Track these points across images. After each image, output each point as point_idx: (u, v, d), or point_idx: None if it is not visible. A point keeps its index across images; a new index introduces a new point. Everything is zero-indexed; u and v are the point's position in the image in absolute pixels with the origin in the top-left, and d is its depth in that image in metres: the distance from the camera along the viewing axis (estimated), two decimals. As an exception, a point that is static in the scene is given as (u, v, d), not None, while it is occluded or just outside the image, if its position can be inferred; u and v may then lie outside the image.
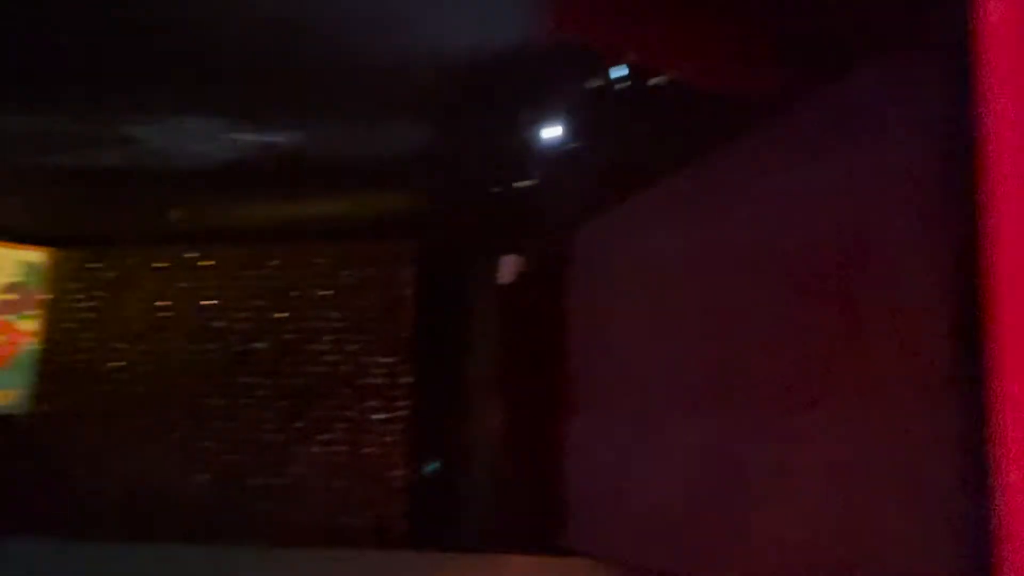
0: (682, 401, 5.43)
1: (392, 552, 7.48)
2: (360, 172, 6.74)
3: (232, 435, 7.96)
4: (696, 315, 5.38)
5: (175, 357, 8.21)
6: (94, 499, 8.08)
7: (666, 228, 5.86)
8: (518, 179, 5.75)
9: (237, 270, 8.29)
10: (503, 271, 6.97)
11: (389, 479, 7.77)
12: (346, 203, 7.42)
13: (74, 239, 8.53)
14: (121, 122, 5.99)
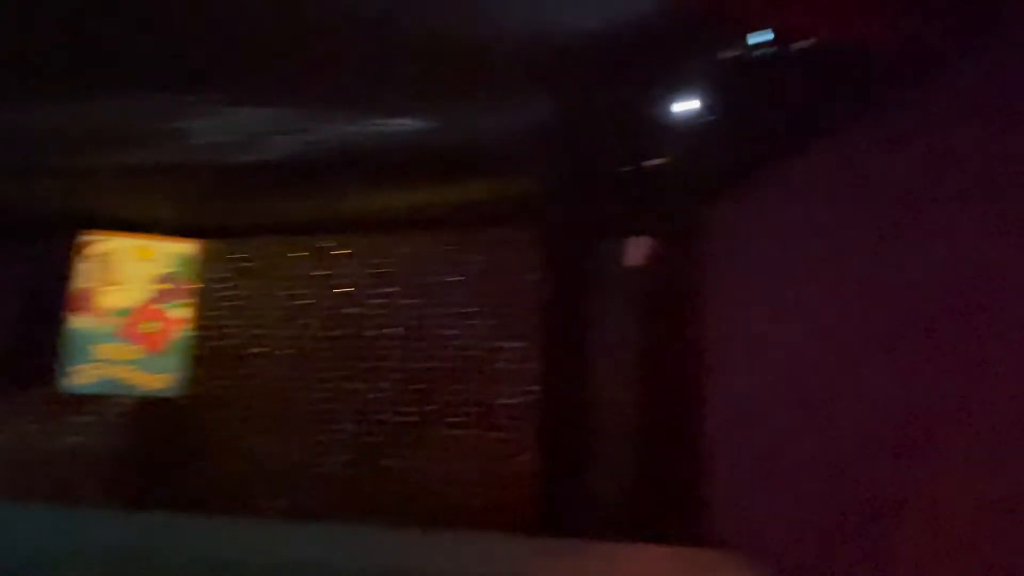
0: (833, 385, 5.13)
1: (519, 537, 7.47)
2: (487, 156, 6.77)
3: (367, 418, 8.19)
4: (841, 295, 5.06)
5: (313, 342, 8.53)
6: (240, 477, 8.52)
7: (804, 202, 5.55)
8: (649, 157, 5.59)
9: (369, 257, 8.51)
10: (632, 253, 6.82)
11: (517, 464, 7.78)
12: (473, 188, 7.46)
13: (219, 231, 8.99)
14: (258, 116, 6.27)
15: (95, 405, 8.95)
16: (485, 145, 6.54)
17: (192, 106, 6.07)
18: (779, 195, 5.90)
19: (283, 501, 8.29)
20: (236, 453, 8.60)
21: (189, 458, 8.71)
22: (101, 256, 8.88)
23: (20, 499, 8.94)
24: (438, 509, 7.86)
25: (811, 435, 5.30)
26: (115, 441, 8.85)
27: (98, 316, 8.79)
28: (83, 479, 8.85)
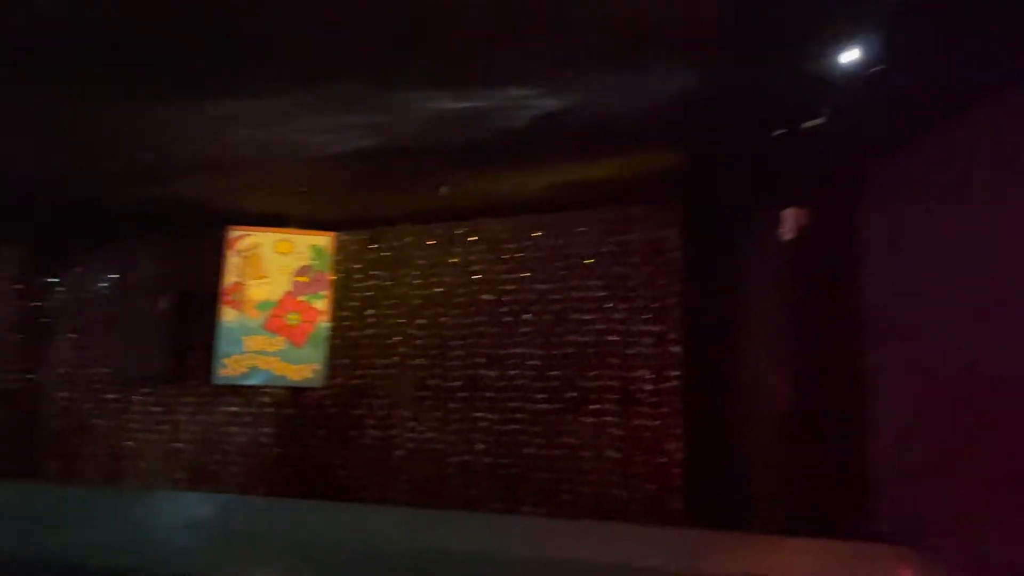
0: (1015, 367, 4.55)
1: (667, 529, 7.14)
2: (622, 131, 6.45)
3: (505, 405, 8.07)
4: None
5: (449, 330, 8.49)
6: (380, 466, 8.60)
7: (981, 163, 4.95)
8: (802, 120, 5.14)
9: (503, 242, 8.38)
10: (787, 224, 6.34)
11: (662, 452, 7.46)
12: (608, 166, 7.17)
13: (354, 223, 9.09)
14: (388, 101, 6.22)
15: (245, 396, 9.25)
16: (620, 119, 6.24)
17: (324, 96, 6.09)
18: (948, 157, 5.31)
19: (424, 490, 8.29)
20: (377, 442, 8.67)
21: (332, 447, 8.87)
22: (246, 250, 9.15)
23: (177, 489, 9.38)
24: (580, 499, 7.64)
25: (989, 424, 4.74)
26: (264, 431, 9.12)
27: (246, 309, 9.07)
28: (236, 469, 9.18)
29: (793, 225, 6.37)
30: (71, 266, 10.59)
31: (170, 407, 9.69)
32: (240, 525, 7.44)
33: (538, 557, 6.54)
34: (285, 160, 7.32)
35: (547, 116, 6.27)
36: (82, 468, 10.06)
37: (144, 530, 7.01)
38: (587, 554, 6.55)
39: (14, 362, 10.46)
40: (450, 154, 7.05)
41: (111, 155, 7.49)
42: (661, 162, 6.98)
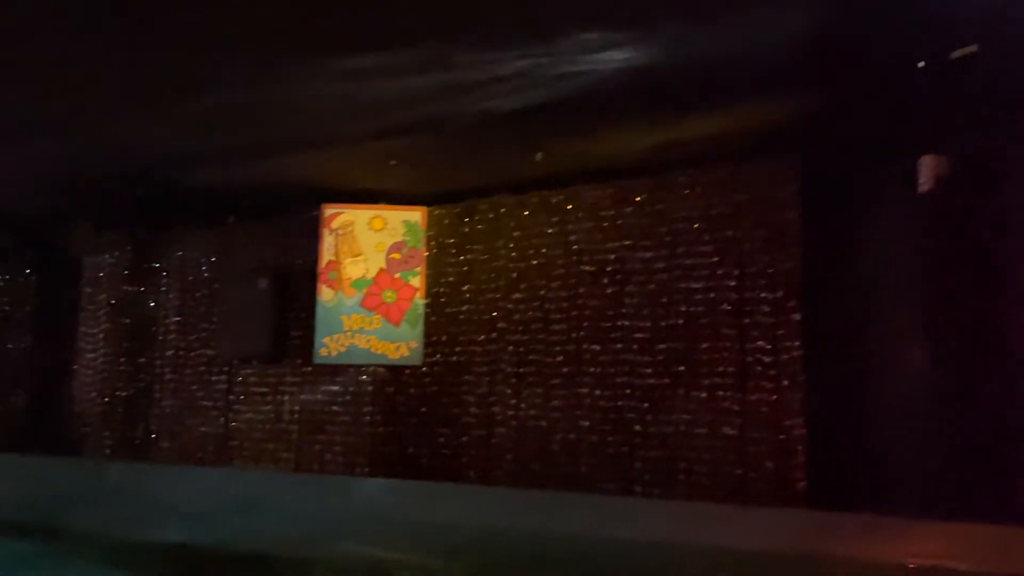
0: None
1: (788, 510, 6.61)
2: (731, 81, 5.91)
3: (611, 381, 7.66)
4: None
5: (549, 303, 8.12)
6: (481, 445, 8.34)
7: None
8: (947, 49, 4.48)
9: (603, 209, 7.93)
10: (922, 176, 5.66)
11: (782, 428, 6.91)
12: (716, 121, 6.62)
13: (447, 197, 8.81)
14: (478, 65, 5.86)
15: (345, 376, 9.15)
16: (729, 68, 5.70)
17: (413, 59, 5.78)
18: None
19: (528, 469, 8.00)
20: (478, 420, 8.42)
21: (433, 426, 8.67)
22: (340, 228, 9.00)
23: (282, 469, 9.40)
24: (695, 479, 7.19)
25: None
26: (365, 410, 9.00)
27: (342, 288, 8.94)
28: (339, 449, 9.11)
29: (932, 176, 5.68)
30: (173, 251, 10.72)
31: (273, 388, 9.69)
32: (343, 506, 7.34)
33: (652, 540, 6.17)
34: (375, 132, 7.08)
35: (648, 70, 5.80)
36: (190, 449, 10.21)
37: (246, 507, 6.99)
38: (704, 538, 6.13)
39: (122, 346, 10.69)
40: (545, 117, 6.64)
41: (207, 136, 7.43)
42: (776, 112, 6.38)
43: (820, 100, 5.85)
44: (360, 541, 6.21)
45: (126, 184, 8.77)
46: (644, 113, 6.60)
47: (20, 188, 9.25)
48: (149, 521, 6.69)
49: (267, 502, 7.55)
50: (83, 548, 5.83)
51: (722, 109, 6.44)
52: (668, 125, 6.79)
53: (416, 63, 5.78)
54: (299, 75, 6.04)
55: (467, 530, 6.43)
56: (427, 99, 6.37)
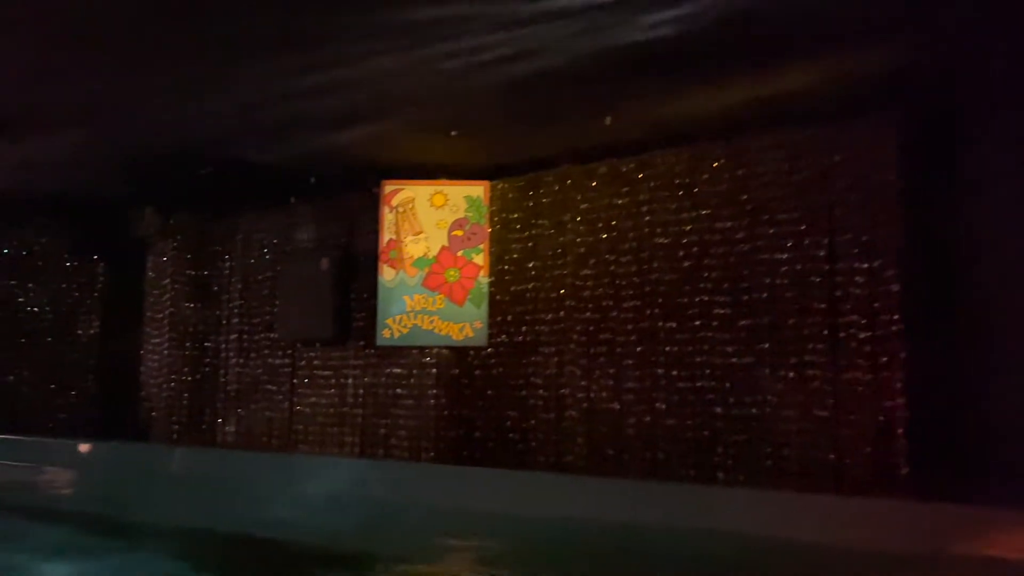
0: None
1: (888, 501, 6.00)
2: (823, 29, 5.34)
3: (689, 360, 7.16)
4: None
5: (620, 279, 7.64)
6: (551, 430, 7.94)
7: None
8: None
9: (677, 177, 7.40)
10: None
11: (881, 410, 6.32)
12: (803, 76, 6.03)
13: (509, 169, 8.39)
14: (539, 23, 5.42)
15: (409, 358, 8.86)
16: (817, 15, 5.14)
17: (471, 19, 5.37)
18: None
19: (601, 455, 7.58)
20: (546, 403, 8.02)
21: (500, 409, 8.31)
22: (401, 205, 8.68)
23: (347, 454, 9.18)
24: (783, 465, 6.66)
25: None
26: (429, 393, 8.70)
27: (404, 267, 8.63)
28: (404, 433, 8.84)
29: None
30: (235, 234, 10.60)
31: (336, 371, 9.48)
32: (409, 493, 7.03)
33: (737, 532, 5.67)
34: (434, 99, 6.69)
35: (726, 19, 5.27)
36: (256, 433, 10.10)
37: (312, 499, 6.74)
38: (796, 531, 5.60)
39: (187, 330, 10.63)
40: (614, 76, 6.16)
41: (264, 112, 7.17)
42: (873, 63, 5.76)
43: (923, 48, 5.21)
44: (453, 535, 5.85)
45: (189, 166, 8.61)
46: (721, 69, 6.06)
47: (86, 173, 9.22)
48: (223, 513, 6.46)
49: (351, 491, 7.19)
50: (160, 542, 5.57)
51: (810, 61, 5.85)
52: (748, 81, 6.23)
53: (477, 18, 5.36)
54: (356, 37, 5.69)
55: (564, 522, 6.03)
56: (489, 62, 5.95)
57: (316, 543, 5.38)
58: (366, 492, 7.33)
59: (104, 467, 8.93)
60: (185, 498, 6.92)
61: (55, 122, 7.59)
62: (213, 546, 5.42)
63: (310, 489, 7.21)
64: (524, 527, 5.96)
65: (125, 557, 4.75)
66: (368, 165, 8.43)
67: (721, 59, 5.90)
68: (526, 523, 6.04)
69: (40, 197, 10.25)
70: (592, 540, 5.63)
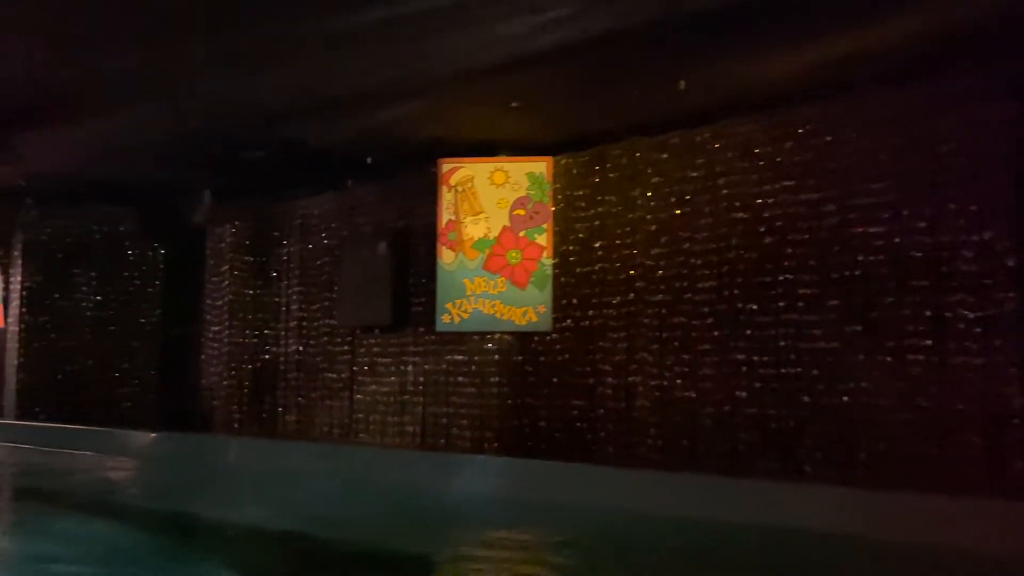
0: None
1: (1005, 502, 5.32)
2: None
3: (772, 345, 6.59)
4: None
5: (695, 257, 7.09)
6: (623, 420, 7.46)
7: None
8: None
9: (758, 145, 6.81)
10: None
11: (994, 399, 5.66)
12: (901, 28, 5.39)
13: (573, 142, 7.90)
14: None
15: (470, 344, 8.47)
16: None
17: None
18: None
19: (675, 447, 7.07)
20: (616, 391, 7.53)
21: (566, 397, 7.85)
22: (459, 184, 8.28)
23: (407, 444, 8.86)
24: (878, 460, 6.05)
25: None
26: (492, 381, 8.30)
27: (463, 249, 8.24)
28: (466, 422, 8.47)
29: None
30: (292, 219, 10.38)
31: (396, 358, 9.17)
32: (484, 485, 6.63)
33: (829, 532, 5.10)
34: (493, 67, 6.23)
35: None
36: (316, 422, 9.87)
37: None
38: (896, 533, 5.01)
39: (246, 317, 10.47)
40: (687, 37, 5.62)
41: (318, 89, 6.84)
42: (982, 14, 5.10)
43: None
44: (518, 531, 5.42)
45: (244, 148, 8.36)
46: (807, 24, 5.46)
47: (144, 158, 9.08)
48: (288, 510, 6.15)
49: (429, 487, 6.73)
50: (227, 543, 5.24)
51: (911, 9, 5.22)
52: (838, 37, 5.61)
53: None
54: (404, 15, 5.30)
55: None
56: (550, 23, 5.46)
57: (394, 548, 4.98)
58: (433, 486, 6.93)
59: (173, 460, 8.66)
60: (257, 496, 6.56)
61: (110, 104, 7.40)
62: (269, 545, 5.10)
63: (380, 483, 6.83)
64: (593, 524, 5.50)
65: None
66: (425, 143, 8.04)
67: (807, 12, 5.32)
68: (595, 520, 5.57)
69: (100, 183, 10.19)
70: (670, 542, 5.14)
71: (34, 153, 8.26)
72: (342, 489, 6.86)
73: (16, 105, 7.29)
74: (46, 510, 5.84)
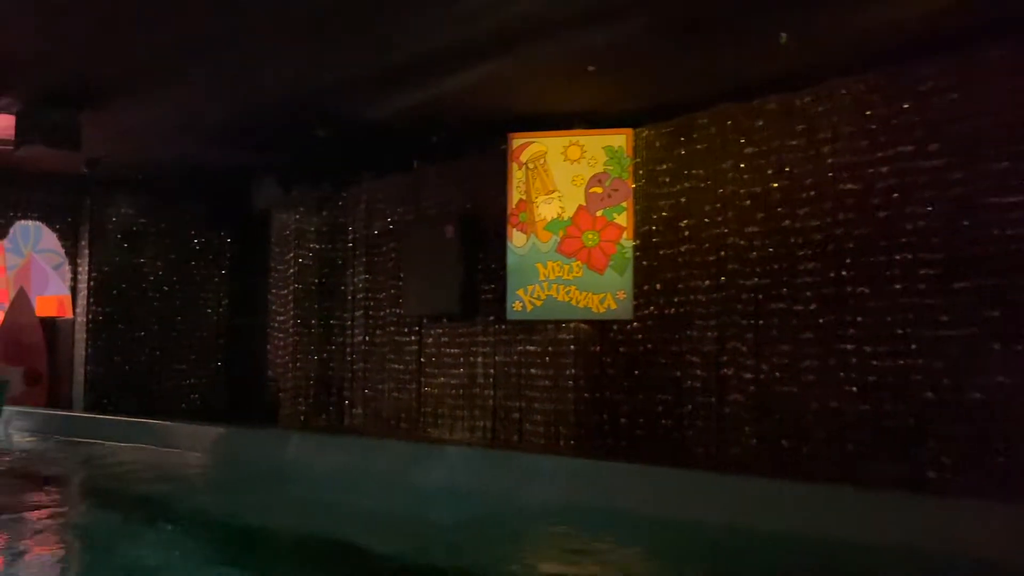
0: None
1: None
2: None
3: (888, 332, 5.79)
4: None
5: (796, 235, 6.34)
6: (714, 417, 6.77)
7: None
8: None
9: (869, 108, 6.00)
10: None
11: None
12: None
13: (656, 111, 7.20)
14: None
15: (543, 334, 7.89)
16: None
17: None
18: None
19: (776, 449, 6.34)
20: (705, 385, 6.84)
21: (650, 392, 7.19)
22: (532, 161, 7.68)
23: (479, 440, 8.34)
24: (1016, 465, 5.21)
25: None
26: (567, 373, 7.69)
27: (535, 232, 7.65)
28: (539, 418, 7.90)
29: None
30: (357, 204, 9.98)
31: (465, 348, 8.65)
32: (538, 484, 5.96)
33: (982, 555, 4.30)
34: (565, 26, 5.60)
35: None
36: (384, 416, 9.46)
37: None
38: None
39: (312, 307, 10.12)
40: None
41: (380, 60, 6.35)
42: None
43: None
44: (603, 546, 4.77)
45: (306, 127, 7.91)
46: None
47: (208, 143, 8.78)
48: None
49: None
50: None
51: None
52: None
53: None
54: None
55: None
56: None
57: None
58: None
59: (247, 459, 7.91)
60: (352, 509, 5.75)
61: (173, 84, 7.08)
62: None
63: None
64: (696, 541, 4.82)
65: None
66: (494, 116, 7.47)
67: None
68: (696, 535, 4.89)
69: (165, 171, 9.99)
70: (789, 562, 4.43)
71: (98, 138, 8.02)
72: (435, 497, 6.07)
73: (77, 86, 7.03)
74: (137, 518, 5.32)
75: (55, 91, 7.14)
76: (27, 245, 12.50)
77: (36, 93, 7.18)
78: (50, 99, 7.25)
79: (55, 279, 11.65)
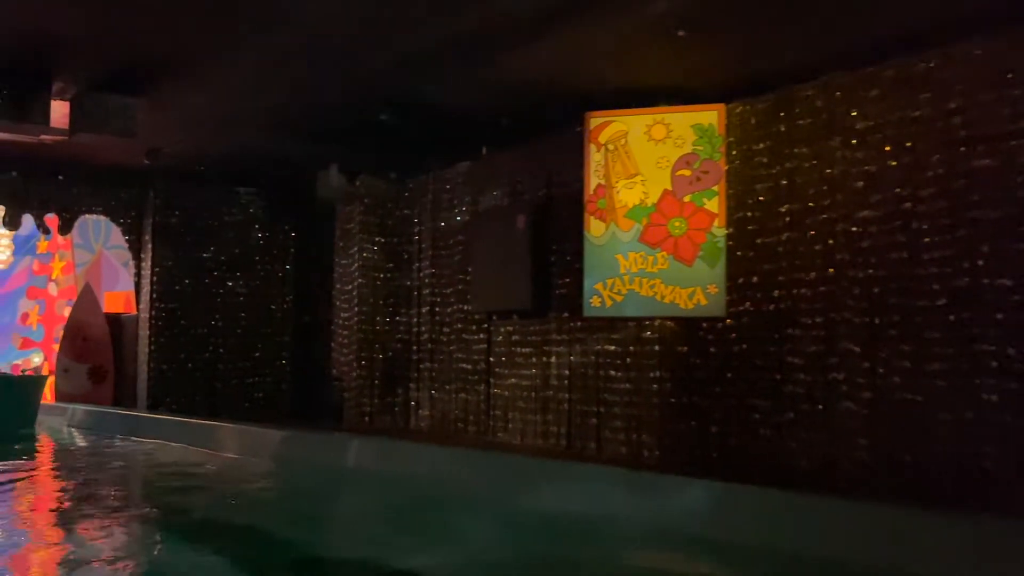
0: None
1: None
2: None
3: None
4: None
5: (919, 220, 5.51)
6: (823, 428, 6.00)
7: None
8: None
9: (1011, 70, 5.14)
10: None
11: None
12: None
13: (752, 84, 6.45)
14: None
15: (624, 332, 7.22)
16: None
17: None
18: None
19: (891, 460, 5.54)
20: (811, 392, 6.07)
21: (745, 398, 6.45)
22: (611, 142, 7.01)
23: (552, 447, 7.72)
24: None
25: None
26: (651, 376, 7.01)
27: (616, 219, 6.98)
28: (619, 423, 7.23)
29: None
30: (424, 195, 9.48)
31: (537, 347, 8.05)
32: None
33: None
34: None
35: None
36: (451, 418, 8.93)
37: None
38: None
39: (376, 303, 9.68)
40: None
41: (449, 25, 5.76)
42: None
43: None
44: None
45: (369, 111, 7.41)
46: None
47: (269, 133, 8.40)
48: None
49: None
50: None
51: None
52: None
53: None
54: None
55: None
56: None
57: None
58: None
59: (315, 467, 6.98)
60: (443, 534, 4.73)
61: (227, 66, 6.68)
62: None
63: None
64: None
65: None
66: (568, 94, 6.83)
67: None
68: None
69: (227, 164, 9.67)
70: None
71: (155, 126, 7.70)
72: (526, 523, 5.13)
73: (131, 71, 6.69)
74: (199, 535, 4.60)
75: (109, 76, 6.81)
76: (98, 241, 12.44)
77: (90, 79, 6.87)
78: (104, 85, 6.94)
79: (125, 275, 11.49)
